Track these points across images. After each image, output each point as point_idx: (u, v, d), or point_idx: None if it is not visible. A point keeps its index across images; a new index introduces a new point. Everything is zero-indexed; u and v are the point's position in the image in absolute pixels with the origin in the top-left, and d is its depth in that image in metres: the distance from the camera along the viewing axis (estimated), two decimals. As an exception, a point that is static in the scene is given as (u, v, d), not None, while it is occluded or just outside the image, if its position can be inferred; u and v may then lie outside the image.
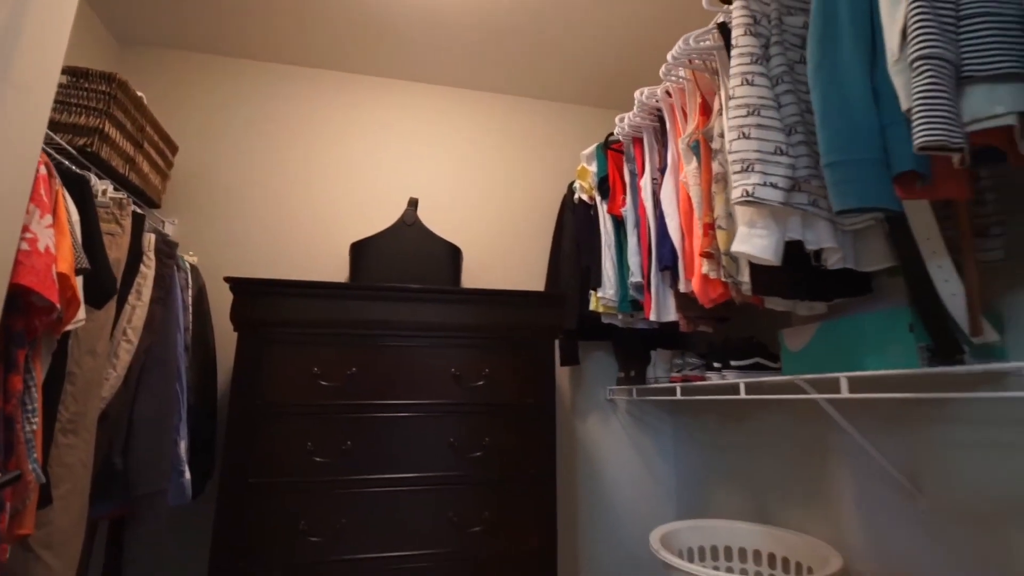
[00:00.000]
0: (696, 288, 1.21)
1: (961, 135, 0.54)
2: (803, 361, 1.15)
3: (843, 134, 0.68)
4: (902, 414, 1.14)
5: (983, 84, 0.57)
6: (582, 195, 1.86)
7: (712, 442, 1.82)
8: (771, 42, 0.94)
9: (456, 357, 1.46)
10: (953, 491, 1.04)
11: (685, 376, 1.57)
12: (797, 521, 1.43)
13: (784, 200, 0.84)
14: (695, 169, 1.24)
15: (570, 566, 1.88)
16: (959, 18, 0.59)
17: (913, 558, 1.11)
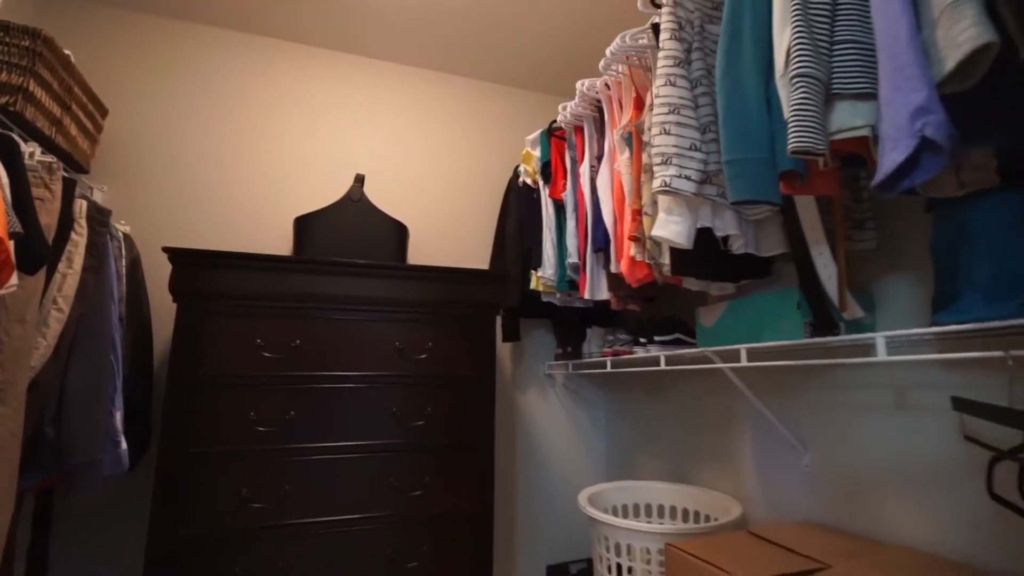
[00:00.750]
0: (625, 269, 1.32)
1: (824, 142, 0.66)
2: (714, 335, 1.29)
3: (740, 136, 0.79)
4: (791, 381, 1.32)
5: (847, 101, 0.69)
6: (526, 179, 1.94)
7: (639, 412, 1.98)
8: (693, 47, 1.04)
9: (400, 331, 1.51)
10: (831, 447, 1.22)
11: (615, 351, 1.70)
12: (707, 479, 1.61)
13: (696, 191, 0.95)
14: (628, 159, 1.34)
15: (507, 526, 2.00)
16: (832, 43, 0.70)
17: (798, 505, 1.29)
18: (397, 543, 1.40)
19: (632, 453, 2.02)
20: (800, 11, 0.68)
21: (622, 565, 1.31)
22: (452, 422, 1.51)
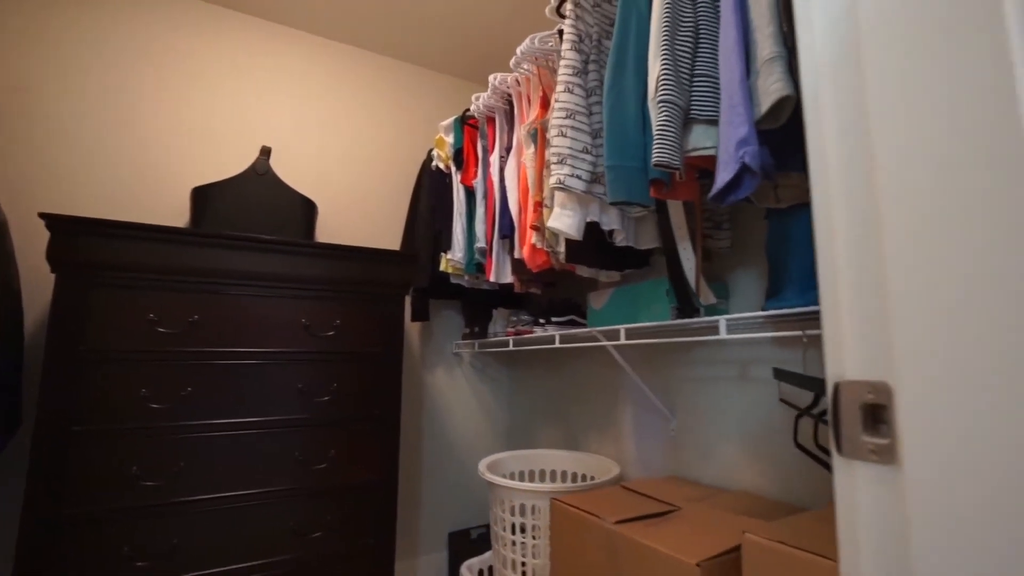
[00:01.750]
0: (526, 255, 1.44)
1: (680, 158, 0.80)
2: (602, 317, 1.45)
3: (619, 146, 0.92)
4: (662, 357, 1.52)
5: (701, 125, 0.84)
6: (439, 163, 1.99)
7: (538, 387, 2.15)
8: (590, 59, 1.16)
9: (307, 308, 1.52)
10: (691, 413, 1.44)
11: (518, 330, 1.83)
12: (594, 445, 1.80)
13: (586, 189, 1.08)
14: (532, 154, 1.45)
15: (412, 496, 2.09)
16: (692, 76, 0.85)
17: (665, 463, 1.51)
18: (300, 515, 1.43)
19: (531, 425, 2.18)
20: (668, 47, 0.82)
21: (515, 523, 1.45)
22: (359, 398, 1.56)
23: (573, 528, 1.12)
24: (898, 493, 0.31)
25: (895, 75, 0.33)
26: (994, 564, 0.28)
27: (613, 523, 1.01)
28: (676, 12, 0.83)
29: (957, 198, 0.30)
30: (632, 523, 1.02)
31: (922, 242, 0.30)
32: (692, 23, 0.84)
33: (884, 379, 0.32)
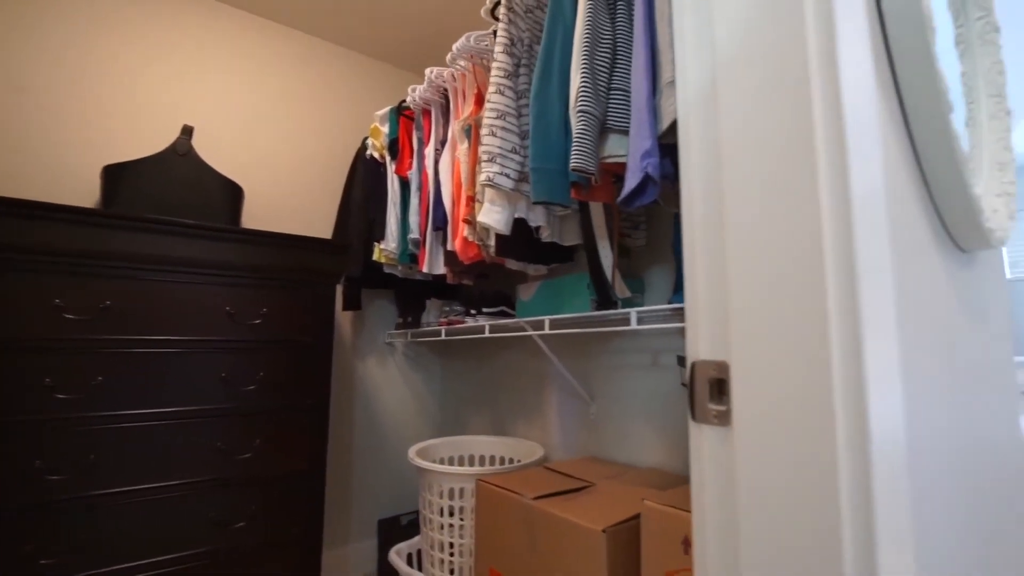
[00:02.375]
0: (459, 248, 1.49)
1: (595, 164, 0.88)
2: (529, 308, 1.53)
3: (543, 149, 0.99)
4: (584, 347, 1.63)
5: (616, 134, 0.92)
6: (374, 152, 1.99)
7: (469, 377, 2.21)
8: (521, 63, 1.22)
9: (232, 296, 1.48)
10: (610, 397, 1.55)
11: (450, 320, 1.87)
12: (522, 430, 1.89)
13: (514, 187, 1.15)
14: (466, 149, 1.49)
15: (342, 485, 2.09)
16: (609, 89, 0.93)
17: (586, 444, 1.62)
18: (222, 505, 1.41)
19: (462, 412, 2.24)
20: (588, 61, 0.89)
21: (444, 506, 1.51)
22: (287, 387, 1.55)
23: (496, 506, 1.20)
24: (730, 448, 0.40)
25: (740, 114, 0.41)
26: (792, 495, 0.37)
27: (532, 499, 1.10)
28: (596, 30, 0.91)
29: (770, 223, 0.39)
30: (549, 499, 1.10)
31: (747, 256, 0.39)
32: (611, 41, 0.92)
33: (724, 359, 0.41)
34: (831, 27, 0.36)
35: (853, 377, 0.33)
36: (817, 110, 0.36)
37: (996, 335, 0.83)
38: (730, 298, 0.40)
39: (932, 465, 0.47)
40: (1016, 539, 0.81)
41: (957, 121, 0.87)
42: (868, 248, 0.35)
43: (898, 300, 0.40)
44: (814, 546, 0.34)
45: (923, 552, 0.41)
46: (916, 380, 0.44)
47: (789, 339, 0.36)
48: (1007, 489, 0.79)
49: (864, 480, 0.33)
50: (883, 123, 0.43)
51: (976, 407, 0.68)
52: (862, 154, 0.36)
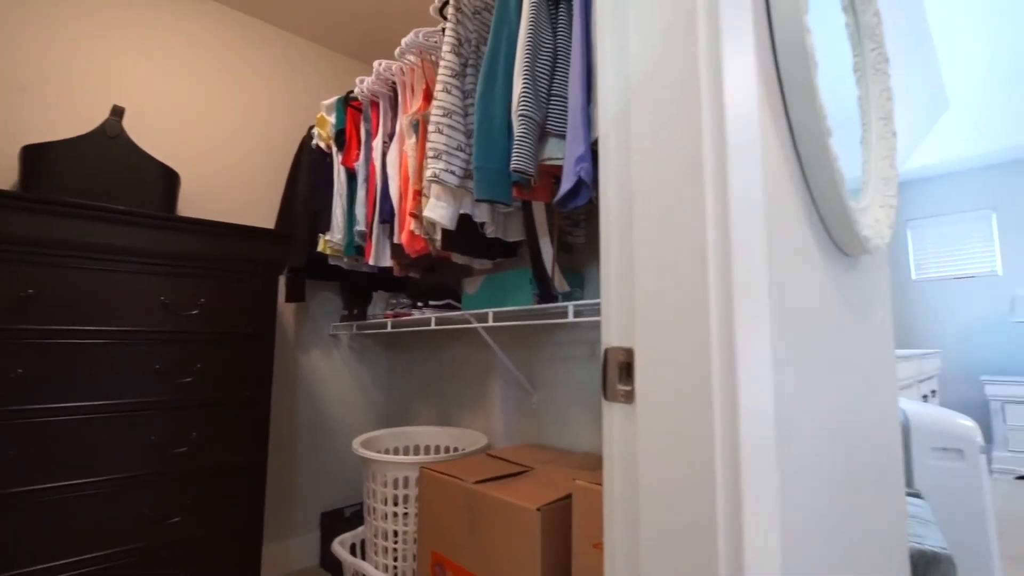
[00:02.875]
0: (405, 241, 1.51)
1: (534, 166, 0.94)
2: (474, 301, 1.58)
3: (486, 149, 1.04)
4: (527, 339, 1.69)
5: (555, 138, 0.98)
6: (320, 142, 1.96)
7: (416, 369, 2.23)
8: (468, 63, 1.26)
9: (167, 285, 1.44)
10: (551, 387, 1.62)
11: (396, 313, 1.89)
12: (467, 421, 1.94)
13: (460, 184, 1.18)
14: (414, 144, 1.51)
15: (285, 478, 2.06)
16: (549, 95, 0.98)
17: (527, 433, 1.69)
18: (155, 501, 1.38)
19: (409, 405, 2.26)
20: (529, 68, 0.94)
21: (388, 495, 1.54)
22: (226, 379, 1.52)
23: (438, 491, 1.24)
24: (633, 423, 0.46)
25: (647, 133, 0.47)
26: (679, 461, 0.43)
27: (473, 483, 1.15)
28: (538, 38, 0.96)
29: (666, 229, 0.45)
30: (489, 483, 1.16)
31: (648, 256, 0.45)
32: (551, 49, 0.98)
33: (630, 345, 0.47)
34: (719, 63, 0.42)
35: (727, 363, 0.40)
36: (706, 133, 0.42)
37: (878, 328, 0.96)
38: (635, 292, 0.46)
39: (803, 439, 0.56)
40: (888, 504, 0.93)
41: (852, 140, 0.98)
42: (744, 253, 0.41)
43: (773, 298, 0.47)
44: (695, 501, 0.41)
45: (788, 508, 0.49)
46: (789, 365, 0.52)
47: (679, 329, 0.42)
48: (882, 459, 0.92)
49: (734, 449, 0.40)
50: (767, 144, 0.51)
51: (855, 390, 0.79)
52: (742, 171, 0.43)
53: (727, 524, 0.41)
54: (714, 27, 0.43)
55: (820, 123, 0.59)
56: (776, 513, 0.45)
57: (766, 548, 0.44)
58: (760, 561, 0.42)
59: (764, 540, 0.43)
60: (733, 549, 0.41)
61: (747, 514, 0.41)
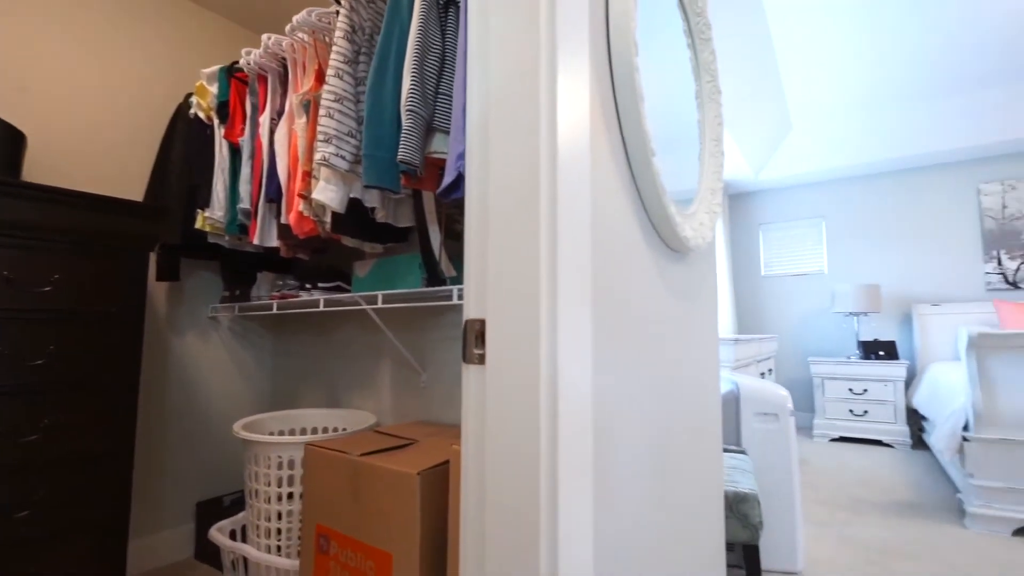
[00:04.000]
0: (293, 222, 1.50)
1: (420, 158, 1.01)
2: (365, 284, 1.61)
3: (375, 138, 1.09)
4: (417, 321, 1.77)
5: (441, 133, 1.06)
6: (199, 112, 1.85)
7: (304, 352, 2.20)
8: (361, 51, 1.29)
9: (11, 259, 1.30)
10: (439, 367, 1.71)
11: (282, 295, 1.86)
12: (356, 402, 1.97)
13: (350, 169, 1.22)
14: (304, 124, 1.50)
15: (154, 465, 1.94)
16: (436, 92, 1.06)
17: (416, 411, 1.76)
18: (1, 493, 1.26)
19: (295, 388, 2.22)
20: (418, 66, 1.01)
21: (271, 476, 1.53)
22: (85, 362, 1.41)
23: (324, 466, 1.28)
24: (483, 381, 0.57)
25: (499, 142, 0.57)
26: (515, 413, 0.55)
27: (358, 455, 1.21)
28: (427, 40, 1.03)
29: (511, 222, 0.56)
30: (374, 455, 1.23)
31: (497, 245, 0.56)
32: (440, 51, 1.05)
33: (484, 317, 0.57)
34: (554, 95, 0.53)
35: (551, 331, 0.52)
36: (543, 146, 0.53)
37: (703, 311, 1.17)
38: (488, 273, 0.57)
39: (623, 395, 0.71)
40: (705, 460, 1.15)
41: (690, 156, 1.18)
42: (570, 244, 0.54)
43: (597, 281, 0.61)
44: (525, 443, 0.53)
45: (606, 450, 0.63)
46: (611, 336, 0.66)
47: (518, 304, 0.54)
48: (700, 423, 1.13)
49: (553, 400, 0.52)
50: (599, 160, 0.64)
51: (677, 361, 0.98)
52: (571, 180, 0.55)
53: (547, 463, 0.53)
54: (552, 67, 0.54)
55: (646, 145, 0.74)
56: (589, 452, 0.59)
57: (579, 484, 0.57)
58: (573, 495, 0.56)
59: (578, 476, 0.56)
60: (550, 485, 0.53)
61: (562, 454, 0.53)
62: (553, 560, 0.54)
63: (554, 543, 0.54)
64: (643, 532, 0.76)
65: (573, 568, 0.56)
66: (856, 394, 4.21)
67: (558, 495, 0.54)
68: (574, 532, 0.56)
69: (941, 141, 4.13)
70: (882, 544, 2.16)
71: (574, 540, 0.56)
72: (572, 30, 0.57)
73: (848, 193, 4.85)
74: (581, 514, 0.57)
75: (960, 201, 4.36)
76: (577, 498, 0.57)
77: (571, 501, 0.56)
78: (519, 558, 0.55)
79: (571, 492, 0.56)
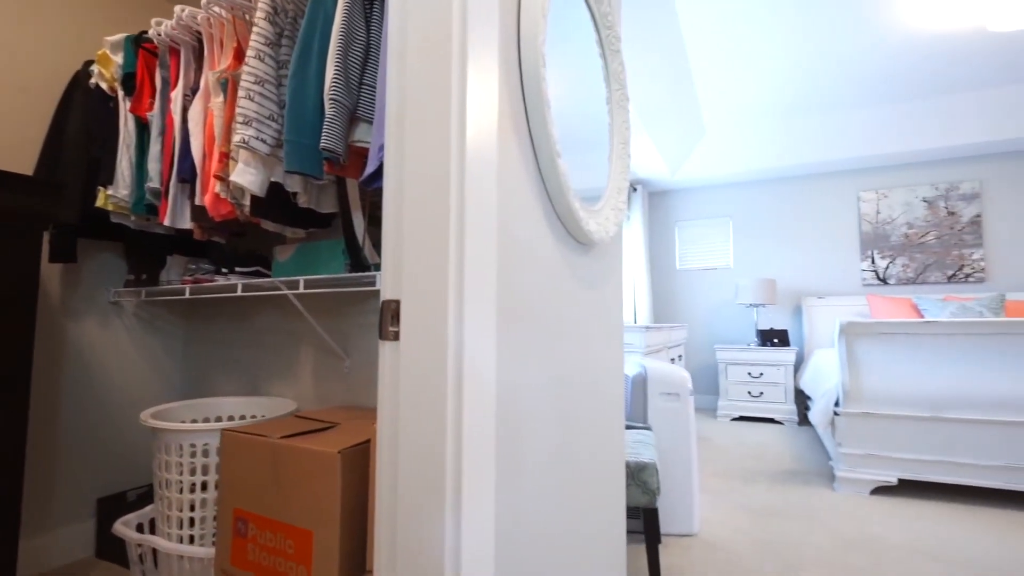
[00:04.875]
0: (209, 204, 1.46)
1: (343, 147, 1.04)
2: (286, 269, 1.60)
3: (298, 125, 1.10)
4: (340, 307, 1.78)
5: (364, 123, 1.09)
6: (100, 82, 1.72)
7: (220, 338, 2.12)
8: (284, 34, 1.27)
9: None
10: (363, 352, 1.73)
11: (196, 279, 1.79)
12: (276, 390, 1.94)
13: (271, 152, 1.21)
14: (222, 103, 1.46)
15: (48, 461, 1.81)
16: (360, 83, 1.08)
17: (340, 396, 1.77)
18: None
19: (209, 377, 2.14)
20: (341, 57, 1.03)
21: (184, 465, 1.49)
22: (-35, 347, 1.30)
23: (242, 451, 1.28)
24: (397, 355, 0.63)
25: (414, 136, 0.63)
26: (426, 384, 0.61)
27: (278, 438, 1.22)
28: (351, 32, 1.05)
29: (423, 212, 0.62)
30: (295, 437, 1.24)
31: (411, 233, 0.62)
32: (364, 42, 1.08)
33: (399, 298, 0.63)
34: (463, 103, 0.60)
35: (457, 312, 0.59)
36: (453, 143, 0.60)
37: (608, 298, 1.29)
38: (403, 259, 0.62)
39: (527, 370, 0.79)
40: (607, 434, 1.28)
41: (603, 156, 1.28)
42: (476, 234, 0.60)
43: (502, 269, 0.68)
44: (435, 412, 0.59)
45: (510, 420, 0.71)
46: (516, 319, 0.74)
47: (429, 287, 0.60)
48: (603, 400, 1.25)
49: (458, 374, 0.59)
50: (508, 159, 0.71)
51: (582, 342, 1.08)
52: (480, 176, 0.62)
53: (453, 429, 0.60)
54: (462, 73, 0.60)
55: (552, 147, 0.82)
56: (492, 416, 0.66)
57: (481, 448, 0.65)
58: (476, 460, 0.63)
59: (480, 441, 0.64)
60: (455, 448, 0.61)
61: (467, 418, 0.61)
62: (457, 521, 0.61)
63: (458, 505, 0.61)
64: (546, 497, 0.86)
65: (475, 530, 0.64)
66: (754, 377, 4.66)
67: (462, 455, 0.61)
68: (477, 494, 0.63)
69: (830, 152, 4.63)
70: (766, 507, 2.45)
71: (477, 503, 0.64)
72: (482, 42, 0.64)
73: (752, 195, 5.30)
74: (484, 474, 0.64)
75: (844, 206, 4.92)
76: (481, 458, 0.65)
77: (476, 462, 0.63)
78: (428, 517, 0.61)
79: (476, 453, 0.63)
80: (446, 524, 0.61)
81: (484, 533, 0.65)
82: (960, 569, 1.83)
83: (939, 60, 3.61)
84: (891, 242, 4.72)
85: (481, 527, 0.64)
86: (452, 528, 0.61)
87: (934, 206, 4.61)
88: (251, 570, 1.22)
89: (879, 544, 2.04)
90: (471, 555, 0.62)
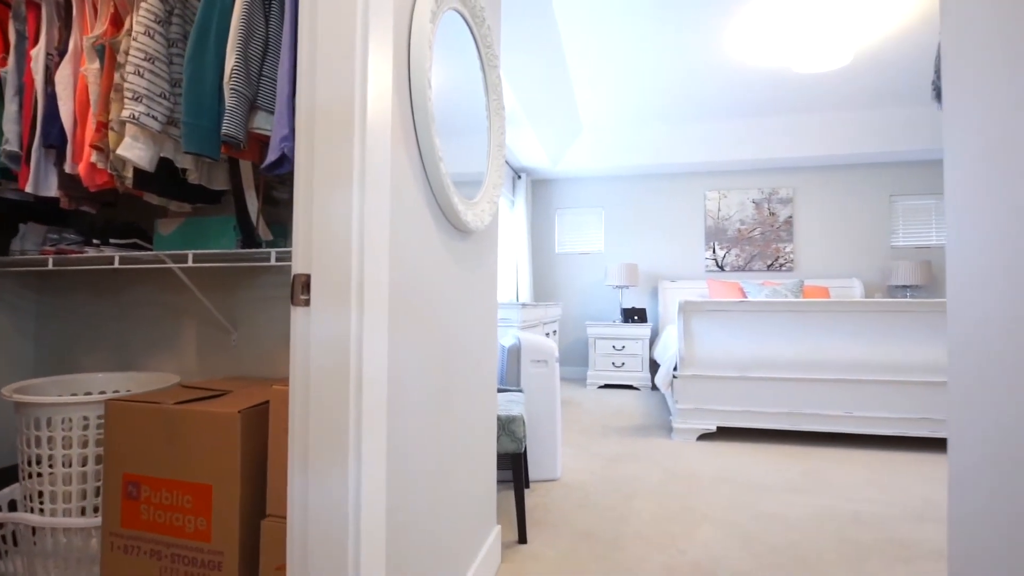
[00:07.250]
0: (83, 172, 1.42)
1: (243, 134, 1.13)
2: (170, 242, 1.60)
3: (196, 108, 1.16)
4: (230, 281, 1.81)
5: (263, 112, 1.19)
6: (-67, 27, 1.54)
7: (84, 313, 2.01)
8: (175, 12, 1.30)
9: None
10: (252, 326, 1.79)
11: (60, 250, 1.70)
12: (156, 365, 1.91)
13: (161, 129, 1.25)
14: (97, 70, 1.42)
15: None
16: (260, 75, 1.18)
17: (227, 369, 1.81)
18: None
19: (74, 354, 2.02)
20: (242, 49, 1.12)
21: (56, 439, 1.46)
22: None
23: (131, 419, 1.32)
24: (308, 319, 0.79)
25: (323, 135, 0.79)
26: (333, 346, 0.79)
27: (172, 404, 1.28)
28: (251, 24, 1.14)
29: (330, 201, 0.79)
30: (188, 403, 1.31)
31: (318, 217, 0.79)
32: (263, 36, 1.17)
33: (309, 272, 0.80)
34: (364, 110, 0.77)
35: (359, 285, 0.77)
36: (356, 148, 0.77)
37: (483, 279, 1.53)
38: (312, 241, 0.79)
39: (413, 334, 0.99)
40: (481, 392, 1.53)
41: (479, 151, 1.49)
42: (373, 222, 0.79)
43: (394, 251, 0.87)
44: (340, 365, 0.78)
45: (400, 382, 0.91)
46: (404, 293, 0.94)
47: (335, 263, 0.77)
48: (478, 365, 1.50)
49: (359, 333, 0.78)
50: (398, 160, 0.90)
51: (461, 315, 1.30)
52: (375, 176, 0.80)
53: (355, 376, 0.79)
54: (363, 96, 0.77)
55: (435, 152, 1.02)
56: (383, 371, 0.86)
57: (377, 394, 0.84)
58: (373, 403, 0.82)
59: (375, 388, 0.83)
60: (356, 393, 0.79)
61: (365, 368, 0.80)
62: (358, 455, 0.80)
63: (359, 442, 0.80)
64: (428, 439, 1.07)
65: (373, 465, 0.83)
66: (617, 350, 5.29)
67: (362, 398, 0.80)
68: (375, 433, 0.83)
69: (683, 156, 5.34)
70: (616, 454, 2.92)
71: (375, 442, 0.83)
72: (378, 72, 0.82)
73: (622, 188, 5.92)
74: (379, 416, 0.84)
75: (693, 203, 5.71)
76: (376, 403, 0.84)
77: (372, 405, 0.83)
78: (334, 456, 0.80)
79: (373, 398, 0.83)
80: (349, 460, 0.79)
81: (379, 469, 0.85)
82: (745, 489, 2.41)
83: (757, 89, 4.37)
84: (728, 235, 5.61)
85: (376, 463, 0.84)
86: (354, 462, 0.80)
87: (760, 207, 5.55)
88: (144, 528, 1.28)
89: (695, 476, 2.58)
90: (369, 488, 0.81)
